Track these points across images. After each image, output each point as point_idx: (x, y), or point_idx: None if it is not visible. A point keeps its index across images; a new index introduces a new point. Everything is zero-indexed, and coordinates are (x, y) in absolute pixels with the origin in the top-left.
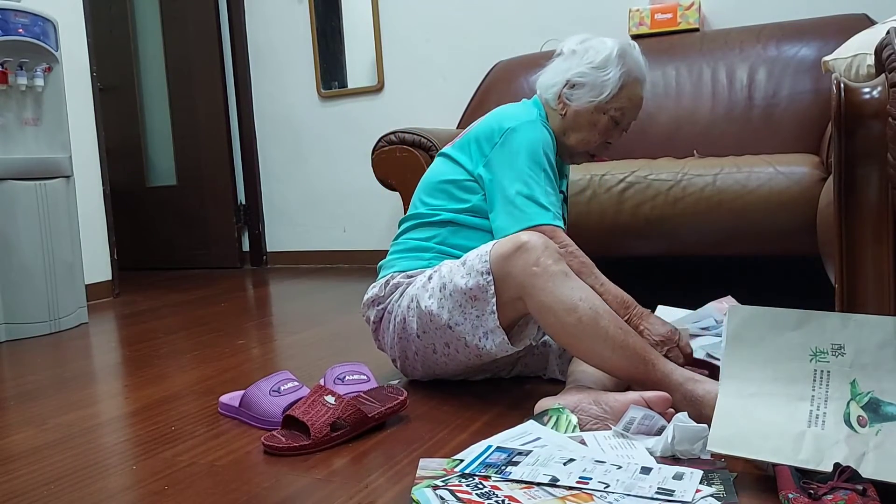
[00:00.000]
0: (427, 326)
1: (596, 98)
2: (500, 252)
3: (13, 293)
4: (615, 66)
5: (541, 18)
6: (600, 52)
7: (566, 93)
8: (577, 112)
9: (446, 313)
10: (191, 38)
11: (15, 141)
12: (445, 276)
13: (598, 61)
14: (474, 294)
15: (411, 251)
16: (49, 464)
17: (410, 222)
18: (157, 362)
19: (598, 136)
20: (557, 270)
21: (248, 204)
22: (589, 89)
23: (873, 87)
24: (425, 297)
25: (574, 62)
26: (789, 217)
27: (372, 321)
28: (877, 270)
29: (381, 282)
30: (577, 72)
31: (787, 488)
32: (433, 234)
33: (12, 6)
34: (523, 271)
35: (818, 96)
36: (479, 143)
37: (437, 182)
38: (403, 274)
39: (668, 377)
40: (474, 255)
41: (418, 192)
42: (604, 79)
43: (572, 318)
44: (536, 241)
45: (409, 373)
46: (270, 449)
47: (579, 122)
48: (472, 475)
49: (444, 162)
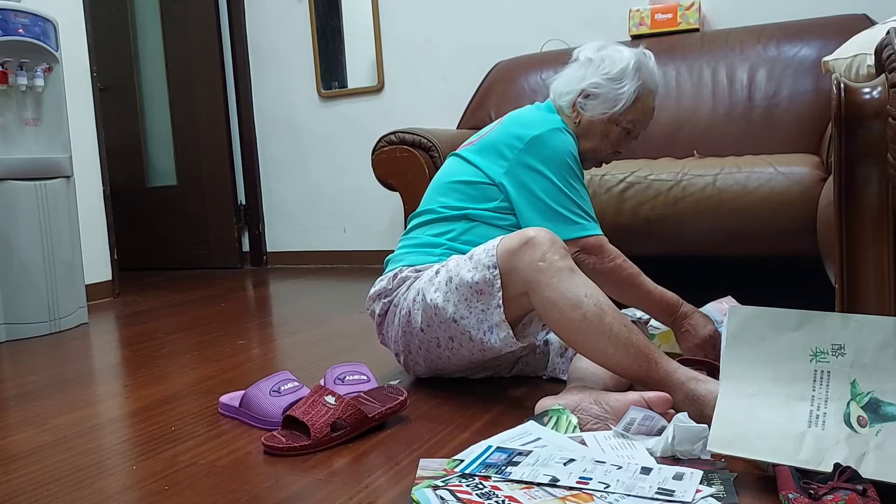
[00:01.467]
0: (432, 320)
1: (610, 110)
2: (506, 247)
3: (13, 293)
4: (631, 80)
5: (541, 18)
6: (616, 63)
7: (580, 102)
8: (591, 122)
9: (451, 307)
10: (191, 38)
11: (15, 141)
12: (452, 270)
13: (614, 73)
14: (480, 288)
15: (422, 246)
16: (49, 464)
17: (422, 218)
18: (158, 362)
19: (609, 146)
20: (563, 266)
21: (248, 204)
22: (603, 101)
23: (873, 88)
24: (431, 291)
25: (590, 71)
26: (789, 217)
27: (377, 314)
28: (877, 271)
29: (388, 275)
30: (593, 82)
31: (787, 488)
32: (446, 231)
33: (12, 6)
34: (529, 266)
35: (818, 96)
36: (499, 149)
37: (451, 182)
38: (412, 268)
39: (670, 376)
40: (481, 249)
41: (431, 192)
42: (619, 91)
43: (577, 314)
44: (543, 237)
45: (411, 368)
46: (270, 449)
47: (592, 131)
48: (472, 475)
49: (459, 163)
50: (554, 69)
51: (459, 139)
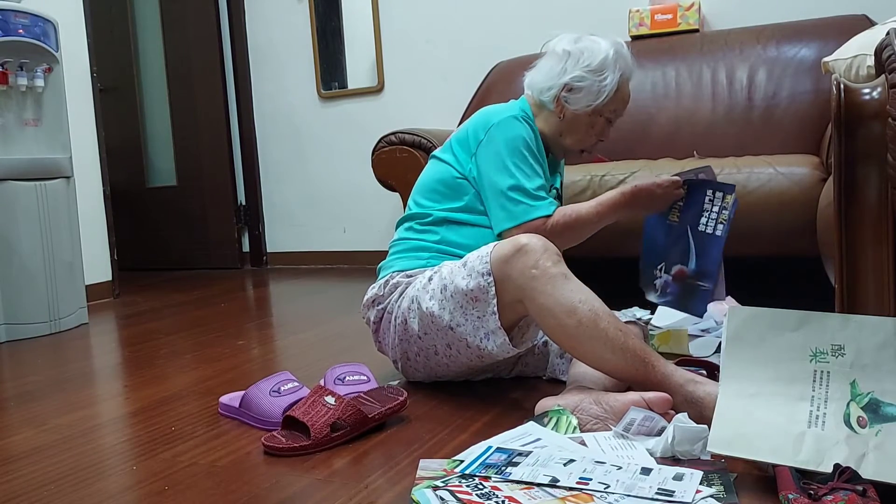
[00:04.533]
0: (428, 328)
1: (594, 102)
2: (499, 255)
3: (13, 294)
4: (612, 70)
5: (541, 19)
6: (596, 54)
7: (564, 96)
8: (576, 115)
9: (447, 314)
10: (191, 38)
11: (15, 141)
12: (446, 278)
13: (595, 65)
14: (475, 295)
15: (409, 251)
16: (49, 464)
17: (407, 223)
18: (158, 363)
19: (594, 136)
20: (557, 273)
21: (247, 204)
22: (587, 93)
23: (873, 88)
24: (426, 299)
25: (570, 64)
26: (789, 218)
27: (372, 322)
28: (877, 271)
29: (380, 282)
30: (575, 76)
31: (787, 489)
32: (431, 234)
33: (12, 7)
34: (522, 274)
35: (818, 97)
36: (464, 142)
37: (428, 183)
38: (403, 273)
39: (668, 378)
40: (475, 256)
41: (413, 195)
42: (602, 83)
43: (572, 320)
44: (536, 244)
45: (410, 374)
46: (270, 449)
47: (577, 124)
48: (472, 476)
49: (434, 164)
50: None
51: None
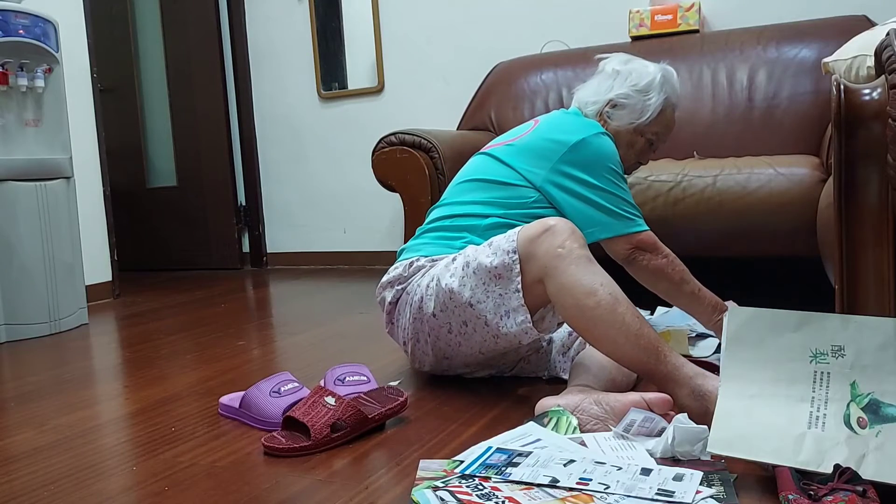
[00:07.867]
0: (445, 305)
1: (636, 120)
2: (527, 234)
3: (13, 294)
4: (657, 92)
5: (541, 20)
6: (643, 76)
7: (607, 111)
8: (617, 131)
9: (468, 291)
10: (191, 38)
11: (15, 142)
12: (470, 256)
13: (641, 85)
14: (499, 272)
15: (442, 238)
16: (49, 465)
17: (443, 211)
18: (158, 363)
19: (633, 155)
20: (582, 254)
21: (248, 205)
22: (630, 111)
23: (873, 89)
24: (447, 276)
25: (618, 82)
26: (789, 218)
27: (388, 302)
28: (877, 272)
29: (403, 263)
30: (621, 93)
31: (787, 489)
32: (468, 226)
33: (13, 7)
34: (547, 252)
35: (818, 98)
36: (538, 152)
37: (479, 180)
38: (428, 258)
39: (678, 370)
40: (501, 237)
41: (456, 188)
42: (646, 102)
43: (591, 301)
44: (563, 226)
45: (417, 359)
46: (271, 450)
47: (618, 141)
48: (472, 476)
49: (489, 161)
50: (554, 70)
51: (459, 140)
